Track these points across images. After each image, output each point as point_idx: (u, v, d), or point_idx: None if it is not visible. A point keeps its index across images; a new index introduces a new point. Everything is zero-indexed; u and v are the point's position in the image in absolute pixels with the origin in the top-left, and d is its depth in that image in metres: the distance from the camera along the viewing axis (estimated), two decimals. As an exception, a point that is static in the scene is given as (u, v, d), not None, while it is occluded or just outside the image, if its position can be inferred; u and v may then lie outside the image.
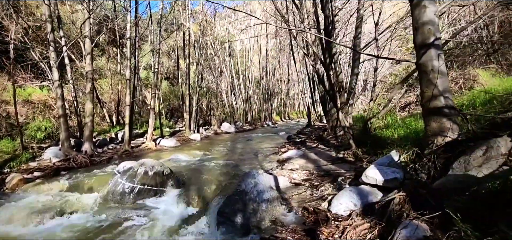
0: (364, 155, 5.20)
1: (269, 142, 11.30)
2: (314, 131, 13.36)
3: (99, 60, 18.11)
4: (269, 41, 29.85)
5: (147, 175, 5.15)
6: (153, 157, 8.70)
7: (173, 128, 16.83)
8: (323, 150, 7.16)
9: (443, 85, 3.34)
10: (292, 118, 34.99)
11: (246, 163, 6.97)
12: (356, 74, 8.56)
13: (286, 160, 6.48)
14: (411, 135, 4.58)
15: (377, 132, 5.42)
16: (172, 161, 7.71)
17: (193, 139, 13.46)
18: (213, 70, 21.01)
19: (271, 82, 29.70)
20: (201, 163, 7.17)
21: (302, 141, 9.63)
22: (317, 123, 19.46)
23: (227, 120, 21.52)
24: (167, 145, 11.26)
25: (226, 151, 9.34)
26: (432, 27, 3.40)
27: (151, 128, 10.71)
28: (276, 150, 8.67)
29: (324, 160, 5.95)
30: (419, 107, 9.13)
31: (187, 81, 14.46)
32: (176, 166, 6.89)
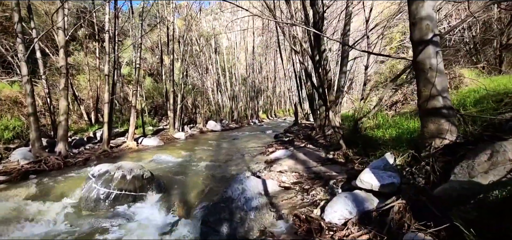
0: (355, 156, 5.02)
1: (256, 141, 11.03)
2: (301, 130, 13.21)
3: (77, 55, 17.18)
4: (255, 38, 29.54)
5: (125, 179, 4.73)
6: (134, 157, 8.23)
7: (157, 126, 16.23)
8: (312, 150, 6.96)
9: (441, 84, 3.17)
10: (279, 116, 34.91)
11: (233, 164, 6.66)
12: (344, 72, 8.41)
13: (274, 161, 6.23)
14: (403, 135, 4.43)
15: (367, 132, 5.26)
16: (154, 162, 7.28)
17: (177, 138, 12.98)
18: (198, 67, 20.45)
19: (258, 80, 29.43)
20: (184, 164, 6.79)
21: (289, 140, 9.42)
22: (304, 121, 19.40)
23: (213, 118, 21.08)
24: (150, 144, 10.75)
25: (212, 151, 8.99)
26: (430, 23, 3.22)
27: (132, 127, 10.17)
28: (263, 149, 8.40)
29: (314, 160, 5.73)
30: (407, 106, 9.13)
31: (171, 78, 13.92)
32: (158, 168, 6.48)
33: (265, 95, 34.36)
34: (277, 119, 31.28)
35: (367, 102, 13.76)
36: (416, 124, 4.84)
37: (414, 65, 3.38)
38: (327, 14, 10.69)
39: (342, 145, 5.48)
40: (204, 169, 6.33)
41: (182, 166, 6.64)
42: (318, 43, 6.61)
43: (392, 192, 3.07)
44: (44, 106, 10.72)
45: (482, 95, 5.25)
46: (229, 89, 23.54)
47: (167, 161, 7.37)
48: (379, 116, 5.43)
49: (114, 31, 8.90)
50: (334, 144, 7.01)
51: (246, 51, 27.35)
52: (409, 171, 3.28)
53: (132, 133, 10.15)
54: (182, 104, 14.82)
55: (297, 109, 18.47)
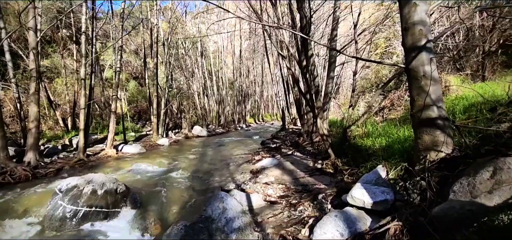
0: (344, 166, 4.79)
1: (242, 147, 10.70)
2: (288, 135, 13.00)
3: (55, 57, 16.34)
4: (243, 42, 29.32)
5: (95, 194, 4.30)
6: (112, 166, 7.73)
7: (140, 132, 15.61)
8: (299, 158, 6.71)
9: (435, 93, 2.98)
10: (266, 121, 34.72)
11: (216, 174, 6.30)
12: (332, 78, 8.24)
13: (260, 171, 5.93)
14: (394, 145, 4.24)
15: (357, 141, 5.06)
16: (133, 172, 6.82)
17: (161, 144, 12.46)
18: (184, 70, 19.96)
19: (245, 84, 29.17)
20: (165, 175, 6.38)
21: (276, 147, 9.16)
22: (292, 126, 19.24)
23: (199, 122, 20.59)
24: (130, 151, 10.21)
25: (196, 159, 8.59)
26: (423, 28, 3.03)
27: (112, 133, 9.62)
28: (249, 157, 8.09)
29: (301, 170, 5.48)
30: (393, 112, 9.08)
31: (155, 82, 13.41)
32: (136, 179, 6.04)
33: (253, 99, 34.12)
34: (264, 124, 31.06)
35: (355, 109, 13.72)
36: (406, 133, 4.67)
37: (407, 72, 3.18)
38: (314, 19, 10.57)
39: (330, 154, 5.25)
40: (186, 179, 5.95)
41: (163, 177, 6.22)
42: (305, 48, 6.40)
43: (385, 209, 2.83)
44: (15, 112, 9.99)
45: (471, 102, 5.17)
46: (216, 93, 23.12)
47: (147, 171, 6.92)
48: (369, 124, 5.25)
49: (92, 32, 8.38)
50: (322, 152, 6.79)
51: (233, 55, 27.06)
52: (402, 186, 3.06)
53: (111, 139, 9.60)
54: (166, 108, 14.30)
55: (284, 114, 18.30)
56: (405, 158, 3.48)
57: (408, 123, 5.87)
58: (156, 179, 6.12)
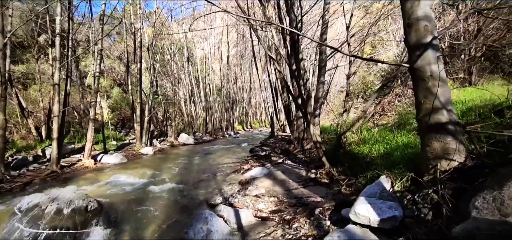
0: (340, 175, 4.45)
1: (231, 155, 10.24)
2: (278, 142, 12.66)
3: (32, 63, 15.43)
4: (230, 48, 29.02)
5: (60, 213, 3.75)
6: (88, 178, 7.10)
7: (123, 140, 14.86)
8: (291, 167, 6.34)
9: (444, 95, 2.69)
10: (255, 128, 34.35)
11: (202, 186, 5.83)
12: (322, 82, 7.99)
13: (250, 181, 5.51)
14: (394, 152, 3.94)
15: (352, 148, 4.76)
16: (110, 185, 6.24)
17: (144, 153, 11.81)
18: (170, 76, 19.35)
19: (233, 91, 28.77)
20: (146, 188, 5.84)
21: (266, 154, 8.77)
22: (281, 132, 18.94)
23: (185, 130, 19.95)
24: (111, 162, 9.54)
25: (180, 169, 8.06)
26: (428, 24, 2.75)
27: (90, 142, 8.94)
28: (237, 166, 7.65)
29: (294, 180, 5.10)
30: (384, 118, 8.89)
31: (139, 88, 12.80)
32: (112, 194, 5.48)
33: (241, 106, 33.72)
34: (253, 130, 30.66)
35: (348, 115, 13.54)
36: (404, 139, 4.40)
37: (412, 72, 2.89)
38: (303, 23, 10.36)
39: (325, 163, 4.91)
40: (168, 193, 5.44)
41: (143, 190, 5.69)
42: (295, 50, 6.10)
43: (394, 228, 2.48)
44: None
45: (468, 106, 4.99)
46: (203, 100, 22.56)
47: (126, 184, 6.35)
48: (364, 131, 4.97)
49: (68, 34, 7.79)
50: (314, 159, 6.46)
51: (221, 61, 26.66)
52: (411, 200, 2.73)
53: (90, 149, 8.92)
54: (150, 116, 13.66)
55: (273, 120, 17.99)
56: (409, 167, 3.17)
57: (402, 128, 5.65)
58: (135, 192, 5.58)
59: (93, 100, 9.07)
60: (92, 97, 9.12)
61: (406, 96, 9.21)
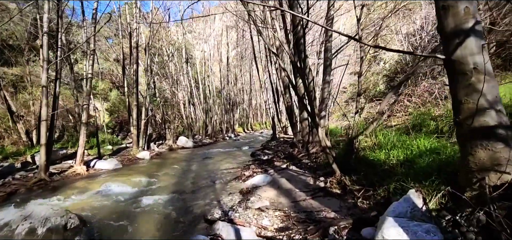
0: (353, 184, 3.94)
1: (231, 160, 9.73)
2: (280, 145, 12.16)
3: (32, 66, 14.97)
4: (230, 49, 28.56)
5: (34, 233, 3.26)
6: (78, 187, 6.59)
7: (119, 144, 14.36)
8: (296, 174, 5.84)
9: (492, 92, 2.18)
10: (255, 130, 33.85)
11: (200, 196, 5.32)
12: (328, 82, 7.50)
13: (252, 191, 5.00)
14: (417, 160, 3.43)
15: (366, 154, 4.25)
16: (100, 196, 5.73)
17: (141, 158, 11.32)
18: (168, 78, 18.88)
19: (233, 92, 28.28)
20: (137, 199, 5.34)
21: (268, 159, 8.26)
22: (282, 135, 18.46)
23: (184, 133, 19.44)
24: (105, 167, 9.05)
25: (177, 175, 7.56)
26: (469, 6, 2.25)
27: (82, 148, 8.45)
28: (238, 172, 7.16)
29: (301, 190, 4.59)
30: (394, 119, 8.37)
31: (135, 90, 12.31)
32: (101, 206, 4.97)
33: (241, 108, 33.23)
34: (254, 132, 30.17)
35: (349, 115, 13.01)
36: (426, 143, 3.89)
37: (448, 65, 2.38)
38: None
39: (335, 170, 4.40)
40: (163, 204, 4.94)
41: (134, 201, 5.18)
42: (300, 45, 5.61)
43: (434, 258, 1.98)
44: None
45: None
46: (202, 102, 22.07)
47: (117, 194, 5.85)
48: (379, 134, 4.47)
49: (57, 32, 7.33)
50: (321, 165, 5.95)
51: (221, 63, 26.19)
52: (451, 221, 2.22)
53: (82, 154, 8.43)
54: (148, 119, 13.17)
55: (274, 122, 17.49)
56: (443, 179, 2.66)
57: (418, 131, 5.14)
58: (126, 204, 5.08)
59: (85, 103, 8.58)
60: (84, 100, 8.63)
61: (415, 96, 8.71)
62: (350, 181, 4.06)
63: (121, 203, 5.14)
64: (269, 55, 15.26)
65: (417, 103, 8.32)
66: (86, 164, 9.03)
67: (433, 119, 5.32)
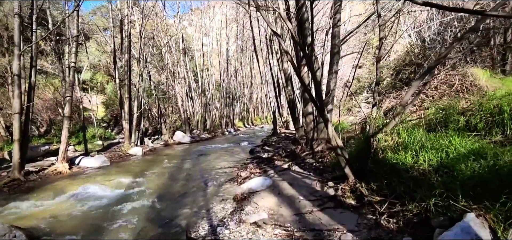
0: (372, 195, 3.17)
1: (228, 157, 8.98)
2: (281, 141, 11.38)
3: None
4: (230, 41, 27.62)
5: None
6: (54, 189, 5.86)
7: (113, 140, 13.62)
8: (299, 176, 5.07)
9: None
10: (256, 124, 33.07)
11: (188, 202, 4.57)
12: (335, 72, 6.70)
13: (248, 197, 4.25)
14: (456, 165, 2.65)
15: (387, 155, 3.48)
16: (74, 200, 5.00)
17: (132, 154, 10.59)
18: (165, 70, 18.06)
19: (233, 86, 27.41)
20: (115, 204, 4.60)
21: (268, 157, 7.49)
22: (283, 130, 17.68)
23: (182, 127, 18.68)
24: (90, 165, 8.33)
25: (167, 175, 6.81)
26: None
27: (64, 144, 7.71)
28: (234, 172, 6.41)
29: (306, 197, 3.83)
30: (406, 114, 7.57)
31: (126, 82, 11.53)
32: (69, 215, 4.24)
33: (241, 102, 32.40)
34: (254, 127, 29.40)
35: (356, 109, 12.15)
36: (463, 143, 3.11)
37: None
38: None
39: (348, 175, 3.63)
40: (143, 212, 4.20)
41: (110, 208, 4.45)
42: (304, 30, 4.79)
43: None
44: None
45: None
46: (201, 96, 21.26)
47: (94, 197, 5.11)
48: (402, 131, 3.67)
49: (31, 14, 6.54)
50: (328, 166, 5.18)
51: (220, 55, 25.30)
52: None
53: (64, 151, 7.69)
54: (140, 112, 12.42)
55: (275, 117, 16.68)
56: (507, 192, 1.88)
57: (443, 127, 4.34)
58: (99, 211, 4.34)
59: (68, 94, 7.82)
60: (66, 92, 7.87)
61: (431, 88, 7.90)
62: (367, 189, 3.29)
63: (94, 210, 4.40)
64: (270, 46, 14.40)
65: (433, 96, 7.53)
66: (70, 161, 8.32)
67: (461, 113, 4.52)
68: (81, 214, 4.25)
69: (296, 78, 15.83)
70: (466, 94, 6.75)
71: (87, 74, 23.12)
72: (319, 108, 3.70)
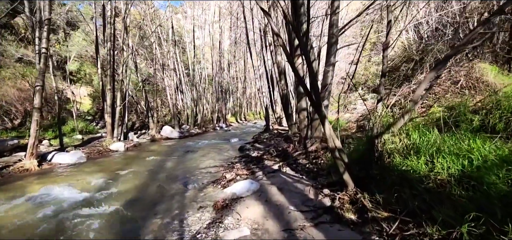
0: (377, 208, 2.59)
1: (215, 155, 8.35)
2: (273, 138, 10.78)
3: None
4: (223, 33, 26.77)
5: None
6: (12, 189, 5.17)
7: (95, 134, 12.82)
8: (291, 179, 4.48)
9: None
10: (249, 120, 32.44)
11: (160, 210, 3.94)
12: (332, 64, 6.11)
13: (230, 205, 3.64)
14: (484, 175, 2.09)
15: (396, 161, 2.90)
16: (29, 204, 4.32)
17: (113, 150, 9.87)
18: (152, 61, 17.22)
19: (226, 80, 26.66)
20: (77, 209, 3.95)
21: (258, 156, 6.88)
22: (276, 126, 17.08)
23: (171, 122, 17.94)
24: (64, 162, 7.62)
25: (145, 175, 6.14)
26: None
27: (33, 138, 6.97)
28: (220, 172, 5.79)
29: (298, 207, 3.24)
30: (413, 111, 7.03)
31: (109, 71, 10.75)
32: (9, 227, 3.56)
33: (235, 96, 31.68)
34: (247, 123, 28.77)
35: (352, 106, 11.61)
36: (487, 148, 2.55)
37: None
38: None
39: (347, 183, 3.05)
40: (106, 221, 3.56)
41: (70, 214, 3.79)
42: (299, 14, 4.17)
43: None
44: None
45: None
46: (192, 89, 20.48)
47: (55, 201, 4.43)
48: (413, 132, 3.09)
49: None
50: (324, 169, 4.60)
51: (213, 48, 24.49)
52: None
53: (32, 146, 6.95)
54: (124, 105, 11.67)
55: (268, 113, 16.07)
56: None
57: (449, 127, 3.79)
58: (55, 219, 3.69)
59: (38, 84, 7.07)
60: (37, 81, 7.11)
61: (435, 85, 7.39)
62: (371, 201, 2.71)
63: (48, 218, 3.73)
64: (264, 39, 13.74)
65: (436, 93, 7.02)
66: (41, 157, 7.59)
67: (474, 112, 3.98)
68: (31, 223, 3.58)
69: (290, 73, 15.22)
70: (472, 91, 6.25)
71: (74, 65, 22.14)
72: (315, 103, 3.11)
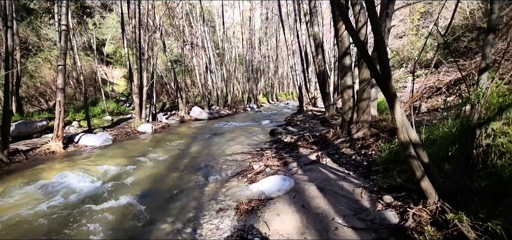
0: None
1: (243, 139, 7.62)
2: (308, 121, 9.75)
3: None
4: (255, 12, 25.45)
5: None
6: (31, 174, 4.88)
7: (125, 115, 12.82)
8: (334, 175, 3.55)
9: None
10: (281, 100, 31.31)
11: (174, 207, 3.28)
12: (388, 29, 4.87)
13: (256, 209, 2.85)
14: None
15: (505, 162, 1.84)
16: (40, 193, 3.96)
17: (141, 131, 9.63)
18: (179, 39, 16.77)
19: (257, 59, 25.61)
20: (86, 202, 3.47)
21: (291, 143, 5.95)
22: (311, 107, 15.89)
23: (201, 103, 17.61)
24: (90, 144, 7.44)
25: (166, 162, 5.60)
26: None
27: (58, 119, 6.78)
28: (247, 161, 5.03)
29: (348, 222, 2.33)
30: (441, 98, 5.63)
31: (135, 51, 10.40)
32: (14, 219, 3.14)
33: (266, 76, 30.61)
34: (279, 103, 27.72)
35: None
36: None
37: None
38: None
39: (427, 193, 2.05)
40: (110, 221, 3.00)
41: (77, 207, 3.31)
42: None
43: None
44: None
45: None
46: (222, 70, 19.85)
47: (68, 189, 4.03)
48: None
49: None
50: (377, 163, 3.58)
51: (243, 25, 23.43)
52: None
53: (58, 128, 6.78)
54: (150, 85, 11.37)
55: (301, 93, 14.87)
56: None
57: None
58: (62, 212, 3.22)
59: (60, 64, 6.79)
60: (59, 60, 6.83)
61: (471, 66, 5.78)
62: (474, 226, 1.70)
63: (51, 212, 3.27)
64: (298, 9, 12.39)
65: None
66: (68, 139, 7.48)
67: None
68: (32, 215, 3.15)
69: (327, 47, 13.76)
70: None
71: (111, 48, 22.65)
72: (381, 78, 2.10)
